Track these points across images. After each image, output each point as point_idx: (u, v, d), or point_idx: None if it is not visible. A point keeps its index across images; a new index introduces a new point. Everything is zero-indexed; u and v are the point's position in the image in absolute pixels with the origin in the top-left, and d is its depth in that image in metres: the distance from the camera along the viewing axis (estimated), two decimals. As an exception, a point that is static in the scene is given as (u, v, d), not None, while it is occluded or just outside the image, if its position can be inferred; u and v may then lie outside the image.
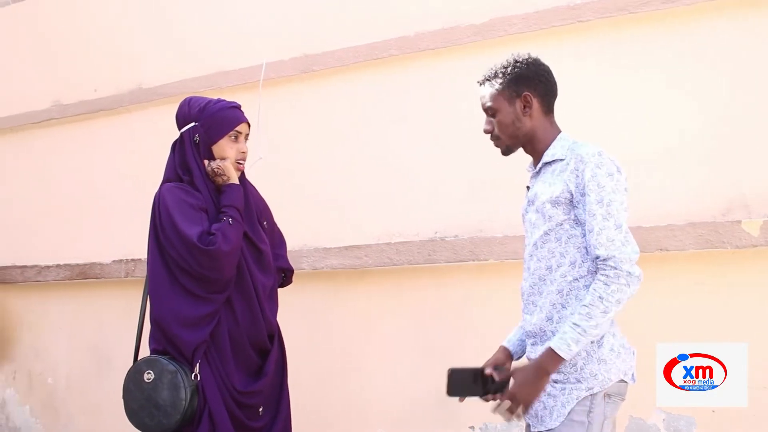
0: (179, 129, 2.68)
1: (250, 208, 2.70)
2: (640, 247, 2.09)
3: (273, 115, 3.94)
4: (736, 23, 3.06)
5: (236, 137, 2.66)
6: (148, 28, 4.61)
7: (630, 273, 1.98)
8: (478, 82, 2.28)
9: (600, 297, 1.98)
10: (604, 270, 1.99)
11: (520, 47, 2.29)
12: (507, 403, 2.07)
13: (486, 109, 2.26)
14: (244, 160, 2.70)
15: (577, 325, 1.99)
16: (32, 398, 4.90)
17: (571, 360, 2.05)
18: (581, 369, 2.05)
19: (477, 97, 3.59)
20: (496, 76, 2.23)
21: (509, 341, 2.35)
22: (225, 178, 2.63)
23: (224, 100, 2.71)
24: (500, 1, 3.47)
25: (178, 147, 2.68)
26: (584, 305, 2.00)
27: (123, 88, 4.62)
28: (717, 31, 3.09)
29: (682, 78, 3.14)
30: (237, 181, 2.64)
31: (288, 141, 4.01)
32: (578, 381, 2.05)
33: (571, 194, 2.09)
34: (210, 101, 2.68)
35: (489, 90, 2.24)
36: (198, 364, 2.49)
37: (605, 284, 1.98)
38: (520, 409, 2.06)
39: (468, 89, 3.55)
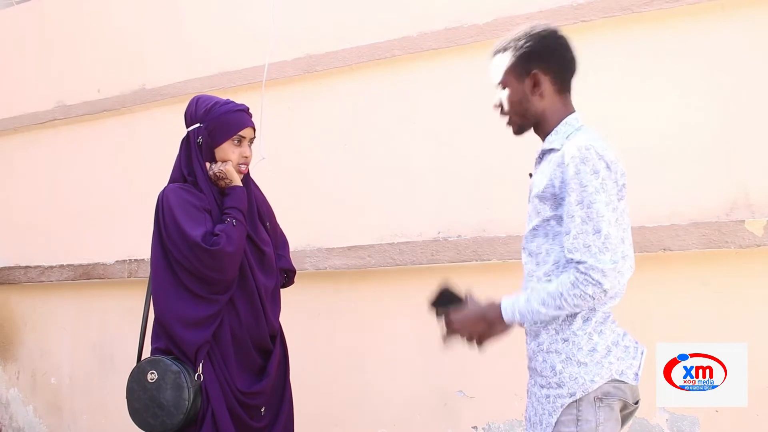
0: (187, 127, 2.69)
1: (252, 210, 2.70)
2: (643, 247, 2.08)
3: (276, 116, 3.94)
4: (740, 22, 3.06)
5: (239, 141, 2.65)
6: (152, 29, 4.62)
7: (599, 284, 1.86)
8: (491, 52, 2.14)
9: (561, 294, 1.90)
10: (577, 272, 1.88)
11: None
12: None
13: (497, 83, 2.13)
14: (246, 164, 2.69)
15: (530, 302, 1.95)
16: (36, 398, 4.91)
17: (550, 363, 1.99)
18: (560, 372, 1.96)
19: (480, 97, 3.59)
20: (507, 48, 2.09)
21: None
22: (227, 181, 2.63)
23: (232, 102, 2.69)
24: (503, 1, 3.47)
25: (184, 146, 2.69)
26: (547, 290, 1.93)
27: (126, 88, 4.63)
28: (721, 31, 3.09)
29: (685, 77, 3.14)
30: (240, 184, 2.64)
31: (291, 141, 4.02)
32: (559, 386, 1.96)
33: (555, 188, 1.97)
34: (217, 102, 2.67)
35: (500, 63, 2.11)
36: (201, 365, 2.49)
37: (572, 285, 1.88)
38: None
39: (471, 89, 3.57)
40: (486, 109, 3.45)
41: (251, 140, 2.71)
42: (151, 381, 2.48)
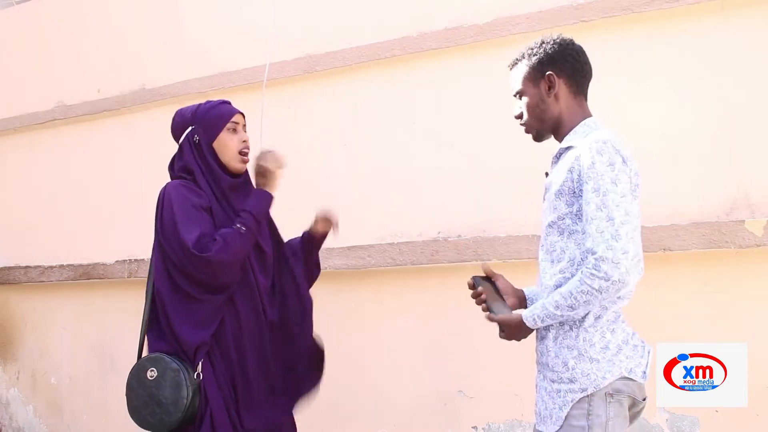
0: (176, 140, 2.69)
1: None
2: (643, 247, 2.07)
3: (276, 116, 3.94)
4: (740, 22, 3.06)
5: (234, 129, 2.66)
6: (152, 29, 4.62)
7: (607, 276, 1.88)
8: (508, 66, 2.25)
9: (570, 292, 1.95)
10: (586, 266, 1.92)
11: (523, 47, 2.28)
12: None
13: (515, 94, 2.22)
14: (247, 148, 2.68)
15: (546, 308, 2.01)
16: (36, 398, 4.91)
17: (562, 358, 2.03)
18: (573, 368, 2.01)
19: (480, 97, 3.60)
20: (522, 57, 2.20)
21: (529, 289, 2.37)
22: (265, 182, 2.63)
23: (211, 101, 2.73)
24: (503, 1, 3.47)
25: (177, 158, 2.68)
26: (560, 292, 1.98)
27: (126, 88, 4.63)
28: (721, 30, 3.09)
29: (685, 77, 3.14)
30: (273, 191, 2.65)
31: (291, 141, 4.01)
32: (571, 381, 2.01)
33: (572, 182, 2.02)
34: (199, 104, 2.71)
35: (517, 73, 2.20)
36: (200, 364, 2.49)
37: (580, 282, 1.93)
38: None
39: (471, 89, 3.57)
40: (486, 109, 3.47)
41: (244, 126, 2.72)
42: (150, 378, 2.48)
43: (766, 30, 3.03)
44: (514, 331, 2.12)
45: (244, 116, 2.73)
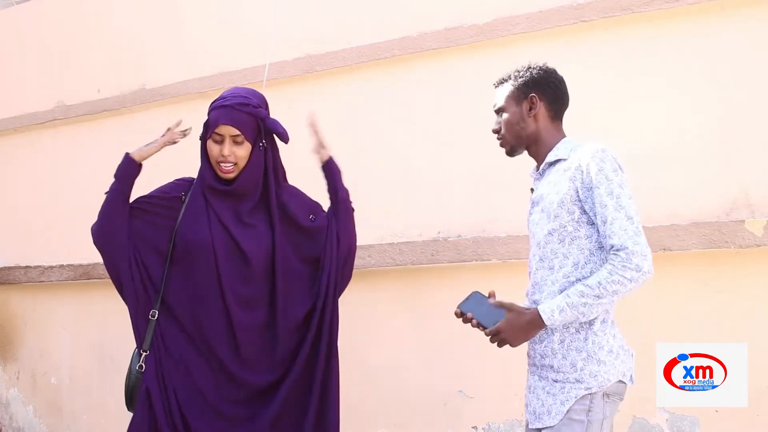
0: None
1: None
2: (643, 247, 2.08)
3: (275, 116, 3.92)
4: (740, 22, 3.06)
5: (219, 140, 2.57)
6: (152, 29, 4.62)
7: (638, 267, 1.98)
8: (494, 84, 2.38)
9: (599, 282, 2.01)
10: (614, 259, 2.00)
11: (523, 47, 2.33)
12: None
13: (496, 110, 2.35)
14: (224, 162, 2.57)
15: (568, 297, 2.04)
16: (36, 398, 4.91)
17: (570, 360, 2.09)
18: (581, 369, 2.08)
19: (480, 97, 3.59)
20: (509, 78, 2.33)
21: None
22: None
23: (224, 99, 2.62)
24: (503, 1, 3.47)
25: None
26: (584, 284, 2.04)
27: (126, 88, 4.63)
28: (720, 30, 3.09)
29: (685, 77, 3.14)
30: (134, 157, 2.82)
31: (290, 141, 4.00)
32: (578, 381, 2.08)
33: (577, 192, 2.11)
34: (216, 98, 2.67)
35: (501, 91, 2.34)
36: (143, 356, 2.57)
37: (609, 273, 2.00)
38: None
39: (471, 89, 3.57)
40: (486, 109, 3.46)
41: (235, 138, 2.58)
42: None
43: (766, 30, 3.03)
44: (514, 332, 2.12)
45: (238, 128, 2.58)
